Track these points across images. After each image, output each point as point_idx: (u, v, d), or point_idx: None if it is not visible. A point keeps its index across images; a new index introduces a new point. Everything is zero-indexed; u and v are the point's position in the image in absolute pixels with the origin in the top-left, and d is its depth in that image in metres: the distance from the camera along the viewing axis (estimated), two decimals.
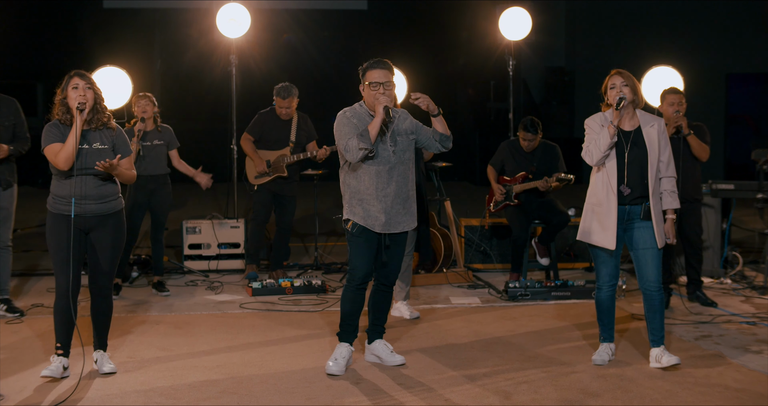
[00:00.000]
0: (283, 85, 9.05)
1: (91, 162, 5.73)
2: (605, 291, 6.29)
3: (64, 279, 5.81)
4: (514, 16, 10.69)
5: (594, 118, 6.19)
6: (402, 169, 6.13)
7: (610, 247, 6.10)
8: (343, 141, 5.99)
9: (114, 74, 9.50)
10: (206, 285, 9.19)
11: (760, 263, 9.30)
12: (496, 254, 10.12)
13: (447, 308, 8.13)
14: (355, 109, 6.17)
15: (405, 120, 6.22)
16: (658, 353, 6.16)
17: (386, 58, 6.09)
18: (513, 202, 9.06)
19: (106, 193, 5.85)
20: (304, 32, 20.28)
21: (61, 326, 5.89)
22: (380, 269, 6.27)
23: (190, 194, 16.57)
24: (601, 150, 6.00)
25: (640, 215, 6.12)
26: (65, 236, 5.74)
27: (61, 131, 5.77)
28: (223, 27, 10.05)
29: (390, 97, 6.01)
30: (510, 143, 9.31)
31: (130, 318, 7.70)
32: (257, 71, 15.37)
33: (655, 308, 6.18)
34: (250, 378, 5.92)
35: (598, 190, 6.14)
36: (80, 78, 5.81)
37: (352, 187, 6.13)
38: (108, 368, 5.97)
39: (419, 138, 6.21)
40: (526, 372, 6.04)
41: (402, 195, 6.13)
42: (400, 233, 6.21)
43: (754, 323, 7.46)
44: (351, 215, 6.13)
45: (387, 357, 6.25)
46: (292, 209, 9.36)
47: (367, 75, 6.07)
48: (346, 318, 6.21)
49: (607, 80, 6.18)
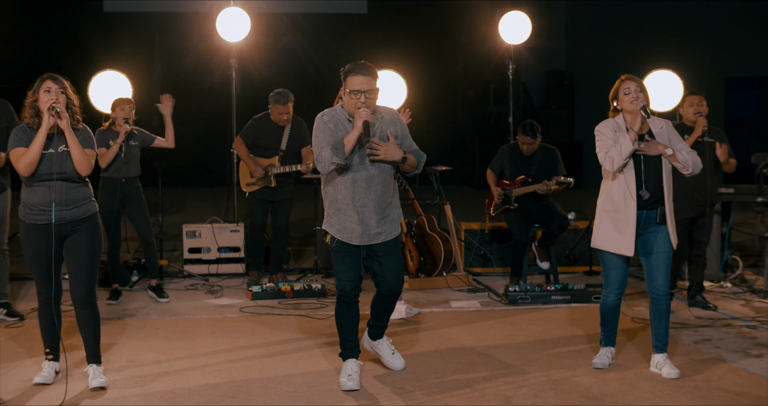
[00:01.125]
0: (279, 92, 9.00)
1: (57, 166, 5.57)
2: (613, 298, 6.23)
3: (44, 288, 5.73)
4: (513, 20, 10.71)
5: (605, 124, 6.16)
6: (382, 178, 5.78)
7: (628, 253, 6.07)
8: (316, 149, 5.67)
9: (114, 78, 9.51)
10: (206, 289, 9.19)
11: (760, 266, 9.30)
12: (496, 258, 10.12)
13: (447, 312, 8.13)
14: (335, 111, 5.82)
15: (393, 124, 5.88)
16: (660, 360, 6.14)
17: (384, 61, 5.90)
18: (513, 205, 9.06)
19: (77, 197, 5.69)
20: (304, 36, 20.30)
21: (47, 332, 5.83)
22: (379, 282, 5.96)
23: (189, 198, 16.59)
24: (623, 157, 5.94)
25: (656, 219, 6.09)
26: (41, 245, 5.64)
27: (28, 135, 5.62)
28: (223, 31, 10.07)
29: (372, 107, 5.67)
30: (509, 147, 9.31)
31: (130, 322, 7.69)
32: (257, 75, 15.38)
33: (661, 313, 6.16)
34: (250, 382, 5.92)
35: (615, 197, 6.09)
36: (53, 81, 5.63)
37: (329, 195, 5.85)
38: (98, 383, 5.72)
39: (402, 146, 5.87)
40: (526, 376, 6.03)
41: (381, 204, 5.78)
42: (386, 242, 5.87)
43: (754, 326, 7.45)
44: (328, 226, 5.87)
45: (387, 358, 6.16)
46: (287, 212, 9.33)
47: (348, 80, 5.68)
48: (345, 335, 5.95)
49: (618, 85, 6.15)
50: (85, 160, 5.62)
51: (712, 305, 8.12)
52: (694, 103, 7.90)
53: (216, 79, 14.18)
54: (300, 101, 9.15)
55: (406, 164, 5.82)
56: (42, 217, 5.63)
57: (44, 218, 5.62)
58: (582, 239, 10.13)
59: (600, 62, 20.64)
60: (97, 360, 5.84)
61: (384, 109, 5.94)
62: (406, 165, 5.83)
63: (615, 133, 6.07)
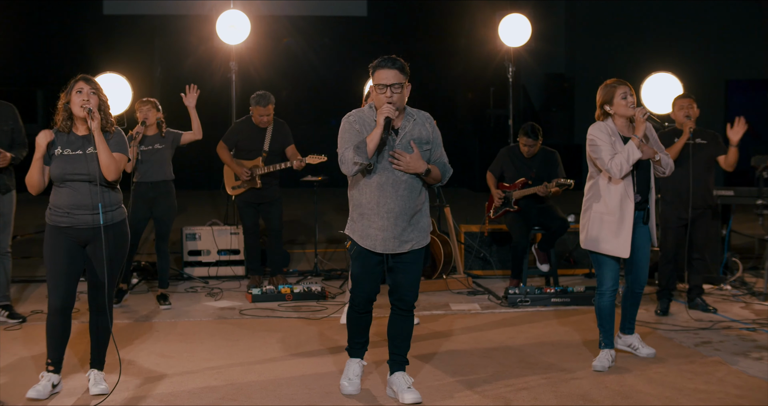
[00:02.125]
0: (260, 94, 9.01)
1: (83, 168, 5.50)
2: (608, 297, 6.32)
3: (57, 295, 5.56)
4: (513, 23, 10.71)
5: (599, 128, 6.16)
6: (410, 183, 5.45)
7: (624, 255, 6.13)
8: (340, 150, 5.40)
9: (114, 81, 9.51)
10: (206, 292, 9.19)
11: (760, 269, 9.30)
12: (495, 261, 10.12)
13: (447, 315, 8.13)
14: (363, 111, 5.52)
15: (422, 126, 5.54)
16: (635, 342, 6.55)
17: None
18: (513, 208, 9.06)
19: (107, 202, 5.57)
20: (304, 39, 20.30)
21: (53, 343, 5.65)
22: (392, 293, 5.66)
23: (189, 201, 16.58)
24: (630, 163, 5.98)
25: (643, 219, 6.23)
26: (60, 249, 5.55)
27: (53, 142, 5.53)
28: (223, 33, 10.08)
29: (398, 102, 5.35)
30: (509, 150, 9.31)
31: (130, 325, 7.69)
32: (257, 78, 15.37)
33: (638, 304, 6.60)
34: (249, 385, 5.92)
35: (609, 200, 6.12)
36: (85, 82, 5.57)
37: (354, 199, 5.56)
38: (98, 389, 5.66)
39: (431, 155, 5.57)
40: (526, 378, 6.03)
41: (408, 210, 5.45)
42: (412, 251, 5.56)
43: (754, 329, 7.45)
44: (350, 231, 5.59)
45: (402, 392, 5.56)
46: (278, 213, 9.32)
47: (375, 75, 5.40)
48: (353, 335, 5.77)
49: (611, 90, 6.16)
50: (112, 164, 5.50)
51: (711, 307, 8.12)
52: (684, 106, 7.92)
53: (216, 81, 14.18)
54: (299, 103, 9.14)
55: (429, 177, 5.50)
56: (65, 219, 5.53)
57: (67, 220, 5.52)
58: None
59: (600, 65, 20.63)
60: (100, 366, 5.81)
61: (418, 112, 5.59)
62: (429, 178, 5.51)
63: (610, 138, 6.09)
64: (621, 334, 6.66)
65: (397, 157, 5.37)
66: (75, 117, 5.58)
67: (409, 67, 5.44)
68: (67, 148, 5.55)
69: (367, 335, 5.81)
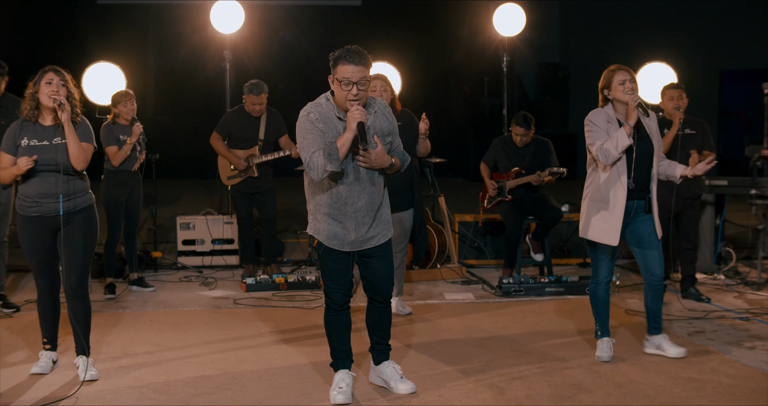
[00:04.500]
0: (253, 82, 9.00)
1: (53, 158, 5.63)
2: (602, 287, 6.29)
3: (41, 280, 5.81)
4: (508, 13, 10.71)
5: (596, 114, 6.13)
6: (374, 178, 5.30)
7: (613, 243, 6.09)
8: (306, 154, 5.12)
9: (108, 70, 9.50)
10: (200, 281, 9.19)
11: (754, 258, 9.32)
12: (489, 250, 10.13)
13: (441, 304, 8.14)
14: (321, 106, 5.23)
15: (384, 117, 5.37)
16: (662, 342, 6.28)
17: (379, 53, 5.38)
18: (506, 198, 9.06)
19: (72, 190, 5.70)
20: (298, 28, 20.25)
21: (46, 323, 5.91)
22: (368, 285, 5.51)
23: (183, 190, 16.57)
24: (619, 151, 5.94)
25: (644, 209, 6.16)
26: (35, 237, 5.71)
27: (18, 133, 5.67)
28: (217, 23, 10.06)
29: (363, 98, 5.14)
30: (502, 140, 9.31)
31: (123, 314, 7.69)
32: (251, 67, 15.35)
33: (659, 298, 6.32)
34: (243, 374, 5.92)
35: (603, 188, 6.10)
36: (55, 73, 5.67)
37: (316, 198, 5.34)
38: (89, 375, 5.71)
39: (391, 146, 5.42)
40: (520, 368, 6.04)
41: (373, 206, 5.32)
42: (378, 245, 5.42)
43: (747, 318, 7.47)
44: (315, 232, 5.39)
45: (395, 383, 5.51)
46: (272, 202, 9.32)
47: (337, 68, 5.11)
48: (335, 344, 5.49)
49: (610, 75, 6.12)
50: (81, 154, 5.65)
51: (705, 297, 8.14)
52: (674, 97, 7.92)
53: (210, 71, 14.16)
54: (293, 93, 9.14)
55: (391, 169, 5.35)
56: (35, 209, 5.66)
57: (36, 209, 5.66)
58: (576, 231, 10.14)
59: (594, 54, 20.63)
60: (86, 352, 5.84)
61: (375, 101, 5.41)
62: (391, 169, 5.36)
63: (607, 124, 6.06)
64: (648, 335, 6.41)
65: (364, 155, 5.19)
66: (42, 107, 5.70)
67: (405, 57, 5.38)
68: (34, 138, 5.68)
69: (349, 344, 5.54)
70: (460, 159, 20.20)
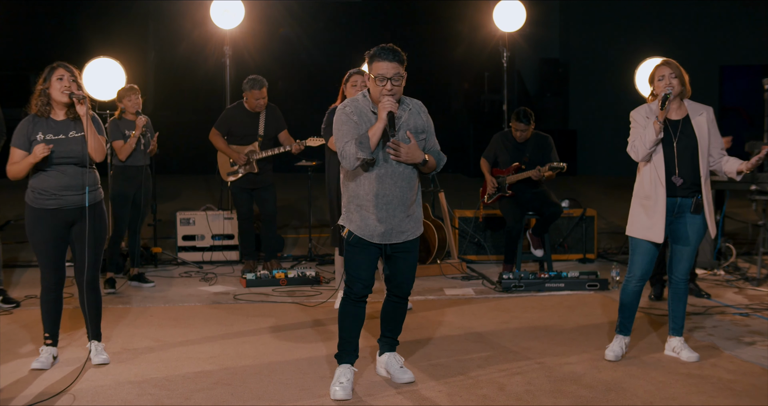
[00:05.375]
0: (253, 78, 9.00)
1: (71, 151, 5.73)
2: (634, 284, 6.11)
3: (50, 274, 5.85)
4: (508, 8, 10.69)
5: (639, 110, 6.04)
6: (407, 173, 5.39)
7: (657, 240, 5.95)
8: (340, 144, 5.32)
9: (107, 65, 9.48)
10: (200, 276, 9.19)
11: (753, 254, 9.32)
12: (490, 246, 10.13)
13: (441, 300, 8.14)
14: (358, 101, 5.43)
15: (418, 115, 5.50)
16: (678, 345, 6.18)
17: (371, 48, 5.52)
18: (507, 193, 9.06)
19: (89, 183, 5.80)
20: (298, 23, 20.26)
21: (49, 318, 5.96)
22: (389, 281, 5.65)
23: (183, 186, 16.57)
24: (647, 146, 5.86)
25: (690, 208, 5.99)
26: (48, 230, 5.76)
27: (31, 129, 5.74)
28: (217, 18, 10.05)
29: (397, 94, 5.30)
30: (502, 135, 9.31)
31: (124, 310, 7.70)
32: (251, 62, 15.36)
33: (680, 297, 6.19)
34: (243, 369, 5.92)
35: (645, 183, 5.99)
36: (65, 69, 5.77)
37: (350, 189, 5.47)
38: (100, 359, 5.97)
39: (426, 144, 5.53)
40: (520, 363, 6.04)
41: (405, 201, 5.42)
42: (407, 241, 5.53)
43: (747, 314, 7.47)
44: (347, 222, 5.48)
45: (396, 372, 5.63)
46: (272, 198, 9.33)
47: (373, 65, 5.30)
48: (345, 336, 5.53)
49: (654, 70, 6.01)
50: (100, 146, 5.79)
51: (705, 292, 8.14)
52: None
53: (210, 66, 14.15)
54: (293, 88, 9.13)
55: (426, 166, 5.45)
56: (53, 201, 5.74)
57: (55, 202, 5.74)
58: (576, 227, 10.15)
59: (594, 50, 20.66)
60: (99, 337, 6.07)
61: (411, 101, 5.54)
62: (426, 167, 5.46)
63: (646, 119, 5.96)
64: (669, 337, 6.32)
65: (396, 148, 5.30)
66: (54, 102, 5.79)
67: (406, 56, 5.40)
68: (50, 133, 5.76)
69: (358, 339, 5.58)
70: (460, 154, 20.21)
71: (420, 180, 5.60)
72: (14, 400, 5.29)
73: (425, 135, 5.49)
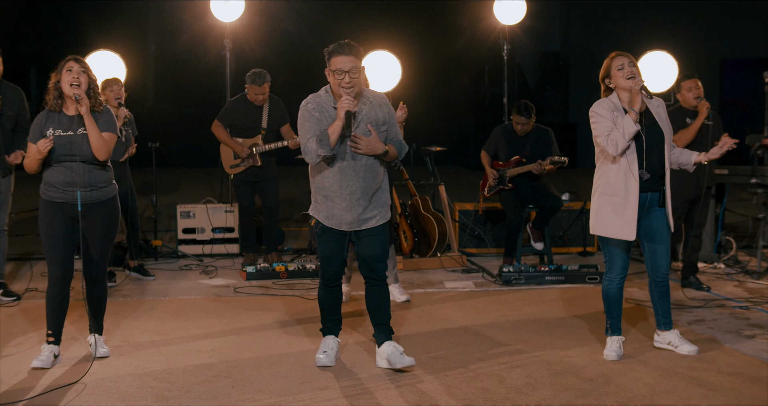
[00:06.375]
0: (256, 72, 8.99)
1: (76, 149, 5.70)
2: (617, 283, 6.04)
3: (56, 267, 5.81)
4: (508, 1, 10.66)
5: (601, 104, 5.92)
6: (369, 163, 5.68)
7: (629, 238, 5.87)
8: (303, 140, 5.62)
9: (108, 58, 9.47)
10: (200, 269, 9.20)
11: (754, 247, 9.32)
12: (490, 239, 10.14)
13: (441, 292, 8.14)
14: (320, 97, 5.70)
15: (379, 107, 5.75)
16: (674, 339, 6.14)
17: (379, 42, 5.68)
18: (507, 186, 9.06)
19: (97, 180, 5.79)
20: (299, 17, 20.23)
21: (52, 313, 5.87)
22: (363, 266, 5.87)
23: (183, 179, 16.58)
24: (626, 139, 5.72)
25: (658, 202, 5.94)
26: (56, 223, 5.76)
27: (43, 124, 5.74)
28: (218, 11, 10.03)
29: (357, 87, 5.56)
30: (503, 128, 9.30)
31: (124, 303, 7.70)
32: (251, 55, 15.33)
33: (665, 294, 6.15)
34: (244, 362, 5.93)
35: (613, 180, 5.86)
36: (75, 62, 5.77)
37: (316, 181, 5.79)
38: (102, 352, 5.97)
39: (387, 135, 5.79)
40: (520, 356, 6.05)
41: (369, 190, 5.70)
42: (375, 227, 5.79)
43: (747, 307, 7.48)
44: (315, 212, 5.84)
45: (395, 359, 5.70)
46: (275, 191, 9.33)
47: (331, 61, 5.58)
48: (326, 315, 6.00)
49: (608, 63, 5.94)
50: (102, 145, 5.73)
51: (705, 285, 8.14)
52: (692, 88, 7.88)
53: (210, 59, 14.13)
54: (293, 82, 9.13)
55: (387, 156, 5.75)
56: (59, 195, 5.75)
57: (61, 196, 5.75)
58: (576, 220, 10.15)
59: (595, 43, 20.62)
60: (100, 331, 6.07)
61: (372, 94, 5.81)
62: (387, 157, 5.76)
63: (613, 113, 5.85)
64: (658, 331, 6.26)
65: (356, 140, 5.58)
66: (65, 96, 5.77)
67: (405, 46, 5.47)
68: (59, 129, 5.75)
69: (340, 313, 6.05)
70: (461, 147, 20.21)
71: (385, 167, 5.88)
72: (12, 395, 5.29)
73: (386, 127, 5.77)
